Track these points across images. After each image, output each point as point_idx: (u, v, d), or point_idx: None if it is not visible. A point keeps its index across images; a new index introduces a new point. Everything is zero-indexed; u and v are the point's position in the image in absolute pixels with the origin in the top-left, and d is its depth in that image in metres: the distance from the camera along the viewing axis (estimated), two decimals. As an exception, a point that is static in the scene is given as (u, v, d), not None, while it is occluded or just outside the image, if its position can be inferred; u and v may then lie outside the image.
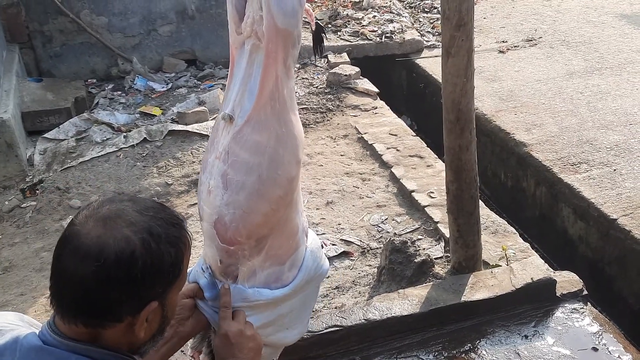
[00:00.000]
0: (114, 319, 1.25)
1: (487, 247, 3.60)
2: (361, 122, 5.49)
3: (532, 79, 6.05)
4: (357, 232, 4.09)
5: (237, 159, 1.61)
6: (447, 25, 2.74)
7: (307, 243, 1.88)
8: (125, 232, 1.23)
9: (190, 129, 5.18)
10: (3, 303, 3.80)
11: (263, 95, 1.60)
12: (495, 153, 5.28)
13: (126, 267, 1.21)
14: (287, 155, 1.64)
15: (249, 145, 1.60)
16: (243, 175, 1.61)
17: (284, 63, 1.62)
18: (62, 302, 1.25)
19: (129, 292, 1.23)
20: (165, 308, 1.33)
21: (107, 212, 1.26)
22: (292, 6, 1.58)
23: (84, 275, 1.21)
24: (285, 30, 1.58)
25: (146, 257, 1.23)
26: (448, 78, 2.87)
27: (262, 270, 1.75)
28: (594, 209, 4.13)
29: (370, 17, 7.53)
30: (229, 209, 1.63)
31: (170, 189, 4.69)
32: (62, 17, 6.16)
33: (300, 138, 1.70)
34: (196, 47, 6.64)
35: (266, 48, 1.57)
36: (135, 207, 1.29)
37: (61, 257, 1.24)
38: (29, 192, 4.75)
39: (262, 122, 1.60)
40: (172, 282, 1.31)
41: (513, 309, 3.15)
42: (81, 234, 1.23)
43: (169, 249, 1.27)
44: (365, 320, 3.00)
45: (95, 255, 1.20)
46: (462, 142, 3.00)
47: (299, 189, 1.80)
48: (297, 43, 1.63)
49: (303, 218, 1.86)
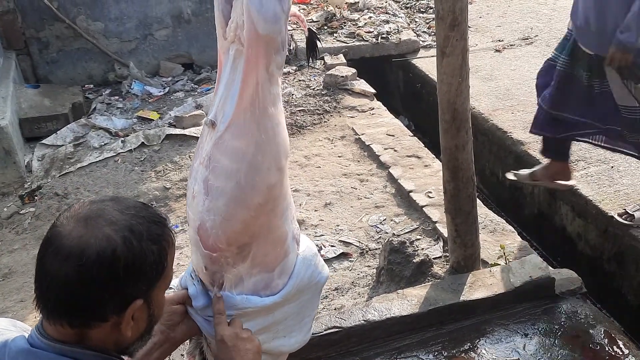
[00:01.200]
0: (99, 318, 1.26)
1: (485, 246, 3.61)
2: (358, 123, 5.50)
3: (529, 78, 6.04)
4: (356, 233, 4.09)
5: (218, 165, 1.61)
6: (441, 26, 2.75)
7: (299, 250, 1.86)
8: (107, 230, 1.24)
9: (187, 133, 5.19)
10: (3, 310, 3.80)
11: (243, 101, 1.59)
12: (493, 152, 5.28)
13: (108, 266, 1.22)
14: (267, 162, 1.63)
15: (229, 151, 1.60)
16: (223, 181, 1.60)
17: (265, 69, 1.60)
18: (47, 303, 1.26)
19: (112, 291, 1.24)
20: (151, 306, 1.34)
21: (87, 212, 1.27)
22: (274, 12, 1.56)
23: (67, 275, 1.21)
24: (266, 37, 1.56)
25: (128, 255, 1.24)
26: (443, 78, 2.88)
27: (249, 277, 1.74)
28: (592, 206, 4.13)
29: (366, 18, 7.54)
30: (210, 215, 1.62)
31: (169, 193, 4.69)
32: (59, 23, 6.17)
33: (282, 145, 1.67)
34: (193, 51, 6.65)
35: (246, 54, 1.56)
36: (116, 207, 1.29)
37: (44, 259, 1.25)
38: (27, 199, 4.76)
39: (241, 128, 1.59)
40: (156, 279, 1.31)
41: (512, 308, 3.16)
42: (62, 235, 1.24)
43: (151, 246, 1.28)
44: (364, 321, 3.01)
45: (77, 255, 1.21)
46: (459, 142, 3.01)
47: (286, 195, 1.77)
48: (282, 49, 1.62)
49: (293, 225, 1.84)
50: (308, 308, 1.93)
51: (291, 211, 1.80)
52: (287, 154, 1.69)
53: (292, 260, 1.82)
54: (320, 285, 1.92)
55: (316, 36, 1.89)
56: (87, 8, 6.22)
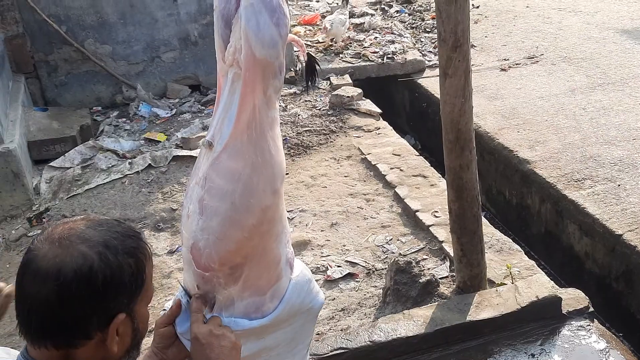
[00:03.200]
0: (83, 336, 1.25)
1: (492, 265, 3.60)
2: (364, 142, 5.51)
3: (535, 96, 6.07)
4: (362, 253, 4.09)
5: (213, 185, 1.62)
6: (443, 47, 2.77)
7: (293, 275, 1.85)
8: (81, 248, 1.25)
9: (194, 154, 5.21)
10: (10, 333, 3.81)
11: (240, 123, 1.60)
12: (499, 171, 5.28)
13: (86, 282, 1.22)
14: (262, 184, 1.63)
15: (224, 172, 1.61)
16: (217, 201, 1.61)
17: (263, 93, 1.62)
18: (29, 327, 1.25)
19: (93, 307, 1.24)
20: (134, 320, 1.33)
21: (60, 232, 1.28)
22: (271, 36, 1.58)
23: (47, 296, 1.21)
24: (263, 60, 1.58)
25: (105, 269, 1.24)
26: (446, 98, 2.89)
27: (240, 300, 1.73)
28: (599, 225, 4.12)
29: (371, 38, 7.58)
30: (203, 234, 1.63)
31: (176, 214, 4.70)
32: (67, 47, 6.24)
33: (278, 168, 1.68)
34: (199, 73, 6.70)
35: (244, 77, 1.58)
36: (88, 224, 1.30)
37: (22, 283, 1.26)
38: (35, 221, 4.78)
39: (238, 149, 1.60)
40: (136, 292, 1.32)
41: (519, 328, 3.14)
42: (38, 258, 1.24)
43: (128, 259, 1.28)
44: (370, 342, 3.00)
45: (55, 275, 1.21)
46: (463, 162, 3.02)
47: (282, 219, 1.77)
48: (279, 73, 1.63)
49: (287, 249, 1.83)
50: (302, 335, 1.91)
51: (286, 235, 1.80)
52: (283, 177, 1.70)
53: (285, 285, 1.80)
54: (314, 311, 1.89)
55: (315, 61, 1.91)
56: (95, 32, 6.29)
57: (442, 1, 2.68)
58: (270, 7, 1.56)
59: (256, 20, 1.54)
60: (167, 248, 4.39)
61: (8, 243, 4.63)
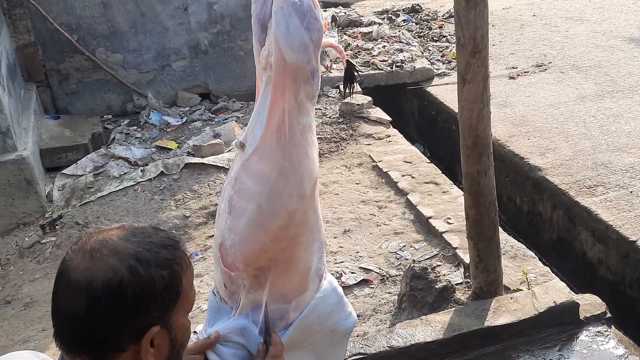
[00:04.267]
0: (115, 349, 1.25)
1: (507, 271, 3.60)
2: (375, 150, 5.53)
3: (544, 104, 6.08)
4: (376, 260, 4.10)
5: (242, 186, 1.63)
6: (462, 53, 2.78)
7: (318, 294, 1.82)
8: (111, 261, 1.23)
9: (206, 162, 5.23)
10: (25, 339, 3.82)
11: (270, 126, 1.61)
12: (510, 178, 5.29)
13: (115, 297, 1.21)
14: (288, 189, 1.63)
15: (253, 174, 1.62)
16: (245, 202, 1.62)
17: (294, 97, 1.61)
18: (64, 338, 1.26)
19: (123, 321, 1.23)
20: (171, 331, 1.31)
21: (93, 244, 1.27)
22: (301, 41, 1.57)
23: (77, 309, 1.22)
24: (294, 65, 1.58)
25: (135, 284, 1.23)
26: (464, 104, 2.91)
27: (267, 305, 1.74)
28: (612, 232, 4.12)
29: (380, 47, 7.62)
30: (230, 234, 1.64)
31: (188, 221, 4.72)
32: (78, 55, 6.28)
33: (307, 175, 1.66)
34: (209, 81, 6.73)
35: (274, 80, 1.59)
36: (121, 235, 1.29)
37: (56, 295, 1.26)
38: (48, 228, 4.80)
39: (267, 152, 1.61)
40: (171, 305, 1.29)
41: (537, 334, 3.14)
42: (71, 269, 1.24)
43: (160, 272, 1.26)
44: (389, 348, 3.00)
45: (85, 289, 1.21)
46: (480, 167, 3.03)
47: (313, 229, 1.73)
48: (312, 78, 1.63)
49: (320, 264, 1.81)
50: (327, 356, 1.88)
51: (319, 247, 1.77)
52: (314, 185, 1.68)
53: (309, 298, 1.79)
54: (340, 333, 1.85)
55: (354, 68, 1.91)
56: (106, 40, 6.33)
57: (461, 7, 2.70)
58: (301, 11, 1.56)
59: (286, 24, 1.55)
60: (180, 255, 4.39)
61: (21, 250, 4.65)
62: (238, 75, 6.76)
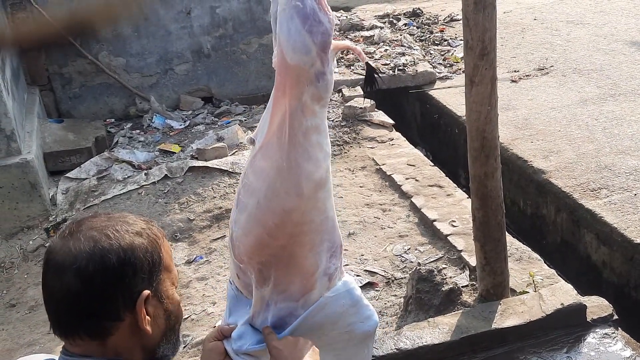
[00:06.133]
0: (112, 317, 1.28)
1: (512, 274, 3.60)
2: (378, 153, 5.53)
3: (547, 107, 6.09)
4: (381, 263, 4.10)
5: (247, 181, 1.67)
6: (470, 55, 2.79)
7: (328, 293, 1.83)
8: (90, 233, 1.29)
9: (210, 165, 5.23)
10: (30, 342, 3.82)
11: (272, 125, 1.63)
12: (514, 181, 5.29)
13: (101, 262, 1.26)
14: (285, 188, 1.65)
15: (257, 170, 1.65)
16: (248, 197, 1.66)
17: (297, 99, 1.62)
18: (60, 322, 1.29)
19: (114, 285, 1.27)
20: (162, 300, 1.36)
21: (70, 227, 1.33)
22: (303, 43, 1.57)
23: (68, 284, 1.25)
24: (295, 66, 1.58)
25: (117, 248, 1.28)
26: (472, 106, 2.91)
27: (274, 303, 1.76)
28: (617, 234, 4.12)
29: (382, 50, 7.63)
30: (235, 226, 1.69)
31: (193, 224, 4.72)
32: (81, 59, 6.29)
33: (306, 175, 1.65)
34: (212, 85, 6.75)
35: (276, 80, 1.61)
36: (98, 217, 1.36)
37: (45, 282, 1.30)
38: (52, 232, 4.80)
39: (268, 150, 1.64)
40: (154, 269, 1.34)
41: (544, 335, 3.14)
42: (54, 252, 1.29)
43: (139, 239, 1.32)
44: (396, 350, 3.00)
45: (70, 263, 1.25)
46: (488, 169, 3.03)
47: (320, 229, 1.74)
48: (317, 81, 1.63)
49: (331, 263, 1.82)
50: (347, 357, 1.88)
51: (331, 248, 1.78)
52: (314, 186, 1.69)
53: (317, 296, 1.80)
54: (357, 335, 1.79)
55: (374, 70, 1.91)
56: (109, 44, 6.34)
57: (469, 9, 2.71)
58: (303, 14, 1.56)
59: (287, 26, 1.55)
60: (184, 258, 4.40)
61: (26, 254, 4.65)
62: (240, 78, 6.77)
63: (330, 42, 1.68)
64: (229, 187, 5.05)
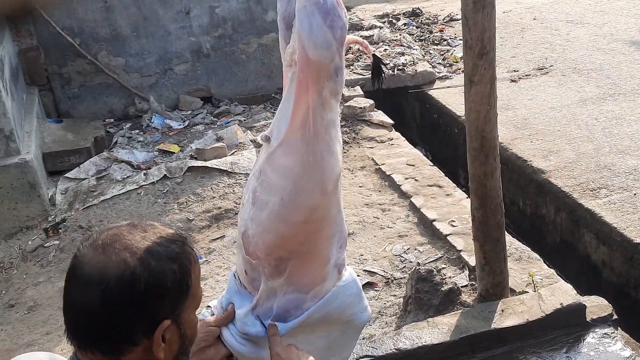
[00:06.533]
0: (129, 342, 1.26)
1: (512, 274, 3.59)
2: (378, 153, 5.53)
3: (546, 107, 6.09)
4: (380, 263, 4.09)
5: (266, 179, 1.67)
6: (469, 54, 2.79)
7: (340, 282, 1.86)
8: (123, 254, 1.25)
9: (209, 165, 5.23)
10: (29, 342, 3.81)
11: (294, 122, 1.64)
12: (513, 181, 5.29)
13: (129, 288, 1.23)
14: (311, 184, 1.67)
15: (277, 168, 1.66)
16: (268, 194, 1.67)
17: (318, 94, 1.65)
18: (77, 333, 1.27)
19: (137, 313, 1.25)
20: (181, 327, 1.33)
21: (104, 239, 1.29)
22: (324, 38, 1.60)
23: (91, 302, 1.23)
24: (317, 62, 1.61)
25: (148, 275, 1.25)
26: (471, 106, 2.91)
27: (283, 293, 1.77)
28: (617, 234, 4.12)
29: (381, 50, 7.62)
30: (252, 224, 1.69)
31: (192, 224, 4.71)
32: (80, 59, 6.28)
33: (329, 171, 1.70)
34: (211, 85, 6.74)
35: (297, 77, 1.62)
36: (131, 230, 1.31)
37: (68, 290, 1.28)
38: (51, 232, 4.79)
39: (291, 147, 1.64)
40: (181, 299, 1.31)
41: (544, 335, 3.13)
42: (83, 264, 1.26)
43: (171, 265, 1.28)
44: (396, 350, 3.00)
45: (97, 281, 1.22)
46: (487, 169, 3.03)
47: (335, 222, 1.78)
48: (336, 75, 1.66)
49: (340, 254, 1.85)
50: (339, 346, 1.90)
51: (340, 239, 1.82)
52: (336, 181, 1.72)
53: (328, 288, 1.83)
54: (356, 325, 1.89)
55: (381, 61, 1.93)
56: (108, 44, 6.34)
57: (469, 9, 2.70)
58: (324, 10, 1.59)
59: (309, 22, 1.57)
60: (184, 258, 4.38)
61: (25, 254, 4.65)
62: (240, 78, 6.77)
63: (346, 36, 1.70)
64: (228, 187, 5.05)
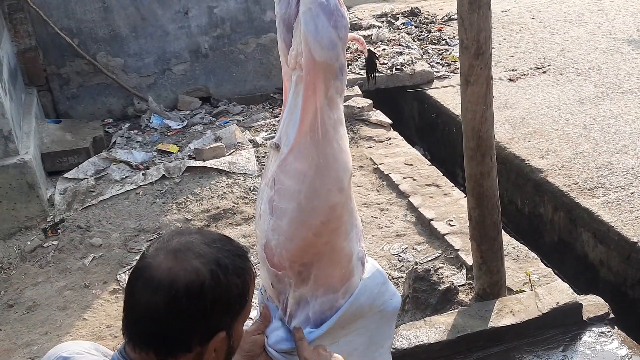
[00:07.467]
0: (184, 349, 1.28)
1: (509, 273, 3.60)
2: (376, 153, 5.54)
3: (544, 106, 6.10)
4: (378, 262, 4.06)
5: (282, 187, 1.66)
6: (465, 54, 2.80)
7: (365, 275, 1.86)
8: (195, 263, 1.27)
9: (208, 165, 5.24)
10: (28, 343, 3.81)
11: (303, 125, 1.65)
12: (511, 180, 5.30)
13: (197, 299, 1.25)
14: (327, 185, 1.67)
15: (291, 173, 1.65)
16: (286, 202, 1.66)
17: (324, 95, 1.65)
18: (136, 333, 1.29)
19: (199, 323, 1.27)
20: (231, 338, 1.36)
21: (176, 245, 1.30)
22: (330, 39, 1.61)
23: (157, 306, 1.25)
24: (323, 63, 1.62)
25: (215, 288, 1.27)
26: (467, 106, 2.92)
27: (315, 299, 1.77)
28: (614, 233, 4.13)
29: (379, 50, 7.63)
30: (274, 234, 1.68)
31: (190, 224, 4.72)
32: (79, 60, 6.29)
33: (343, 168, 1.71)
34: (210, 85, 6.75)
35: (305, 80, 1.62)
36: (203, 239, 1.33)
37: (134, 290, 1.29)
38: (50, 232, 4.80)
39: (302, 151, 1.64)
40: (238, 313, 1.35)
41: (540, 334, 3.15)
42: (152, 267, 1.27)
43: (236, 280, 1.31)
44: (393, 349, 2.99)
45: (167, 287, 1.24)
46: (483, 169, 3.04)
47: (351, 216, 1.79)
48: (340, 75, 1.67)
49: (359, 247, 1.86)
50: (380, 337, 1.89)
51: (357, 233, 1.82)
52: (350, 176, 1.73)
53: (356, 282, 1.83)
54: (388, 313, 1.89)
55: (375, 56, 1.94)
56: (107, 44, 6.34)
57: (464, 9, 2.71)
58: (328, 10, 1.60)
59: (314, 24, 1.58)
60: (182, 258, 4.39)
61: (23, 254, 4.65)
62: (238, 78, 6.78)
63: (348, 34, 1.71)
64: (227, 187, 5.06)
